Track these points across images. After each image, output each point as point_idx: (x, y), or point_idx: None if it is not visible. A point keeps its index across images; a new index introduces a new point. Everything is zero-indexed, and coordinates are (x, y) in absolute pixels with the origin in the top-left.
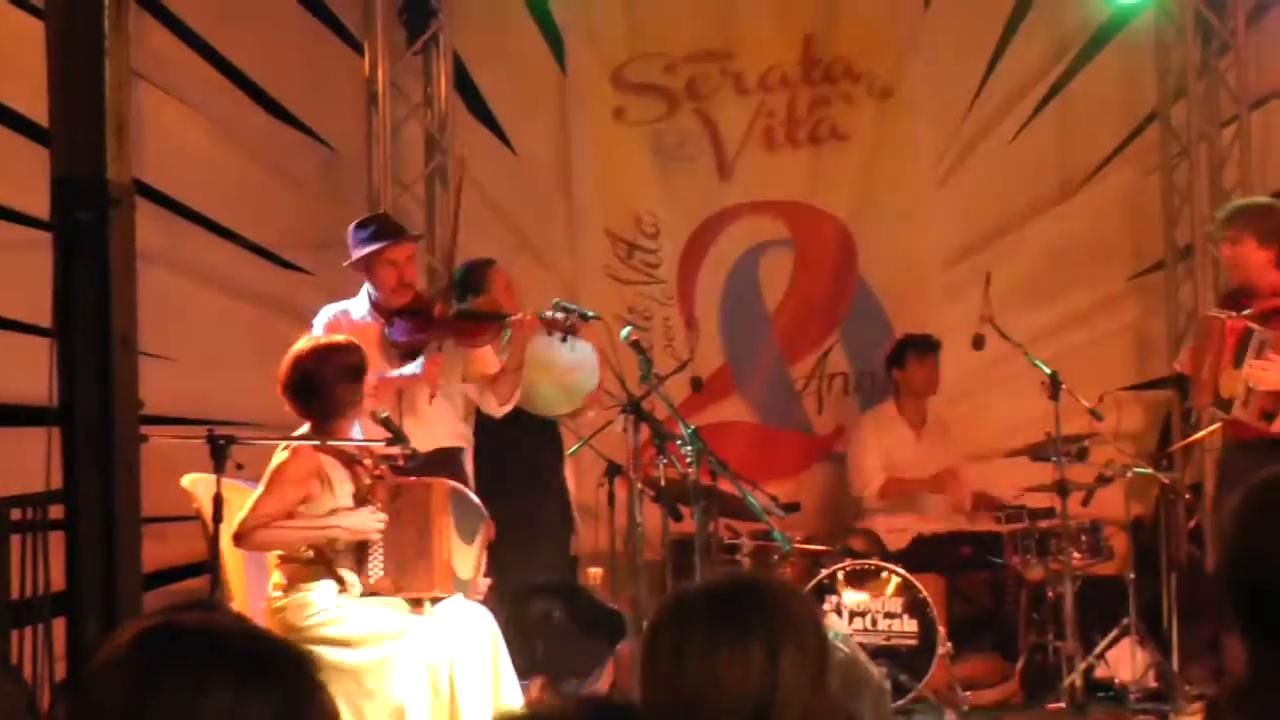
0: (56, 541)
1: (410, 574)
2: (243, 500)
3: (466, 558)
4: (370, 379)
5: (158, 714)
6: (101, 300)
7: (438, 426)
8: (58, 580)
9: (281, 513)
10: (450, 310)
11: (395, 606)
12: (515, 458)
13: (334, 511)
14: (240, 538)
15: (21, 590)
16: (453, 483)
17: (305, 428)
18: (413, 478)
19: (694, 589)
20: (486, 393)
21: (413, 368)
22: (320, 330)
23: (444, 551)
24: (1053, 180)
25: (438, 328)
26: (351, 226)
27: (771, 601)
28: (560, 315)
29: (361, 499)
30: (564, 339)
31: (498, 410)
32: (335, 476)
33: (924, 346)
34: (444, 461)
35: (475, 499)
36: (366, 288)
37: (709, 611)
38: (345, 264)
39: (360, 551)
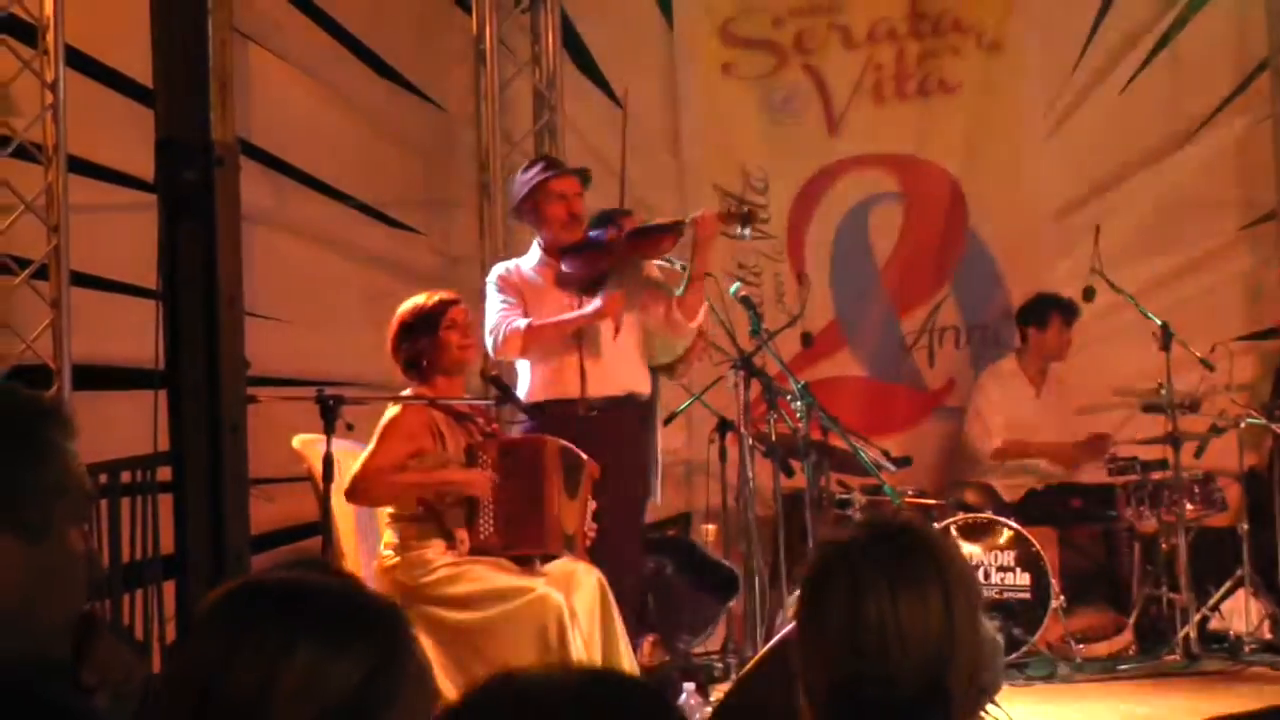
0: (166, 504)
1: (520, 532)
2: (353, 462)
3: (573, 513)
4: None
5: (242, 674)
6: (207, 262)
7: (621, 368)
8: (167, 543)
9: (394, 466)
10: (623, 233)
11: (505, 566)
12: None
13: (445, 465)
14: (353, 491)
15: (132, 553)
16: (561, 441)
17: (410, 390)
18: (525, 435)
19: (861, 536)
20: (673, 311)
21: (592, 305)
22: (494, 286)
23: (554, 509)
24: (1163, 131)
25: (616, 251)
26: (518, 172)
27: (939, 548)
28: (736, 206)
29: (472, 457)
30: (744, 226)
31: (689, 327)
32: (447, 432)
33: (1070, 311)
34: (627, 406)
35: (578, 451)
36: (537, 240)
37: (885, 560)
38: (512, 208)
39: (470, 508)
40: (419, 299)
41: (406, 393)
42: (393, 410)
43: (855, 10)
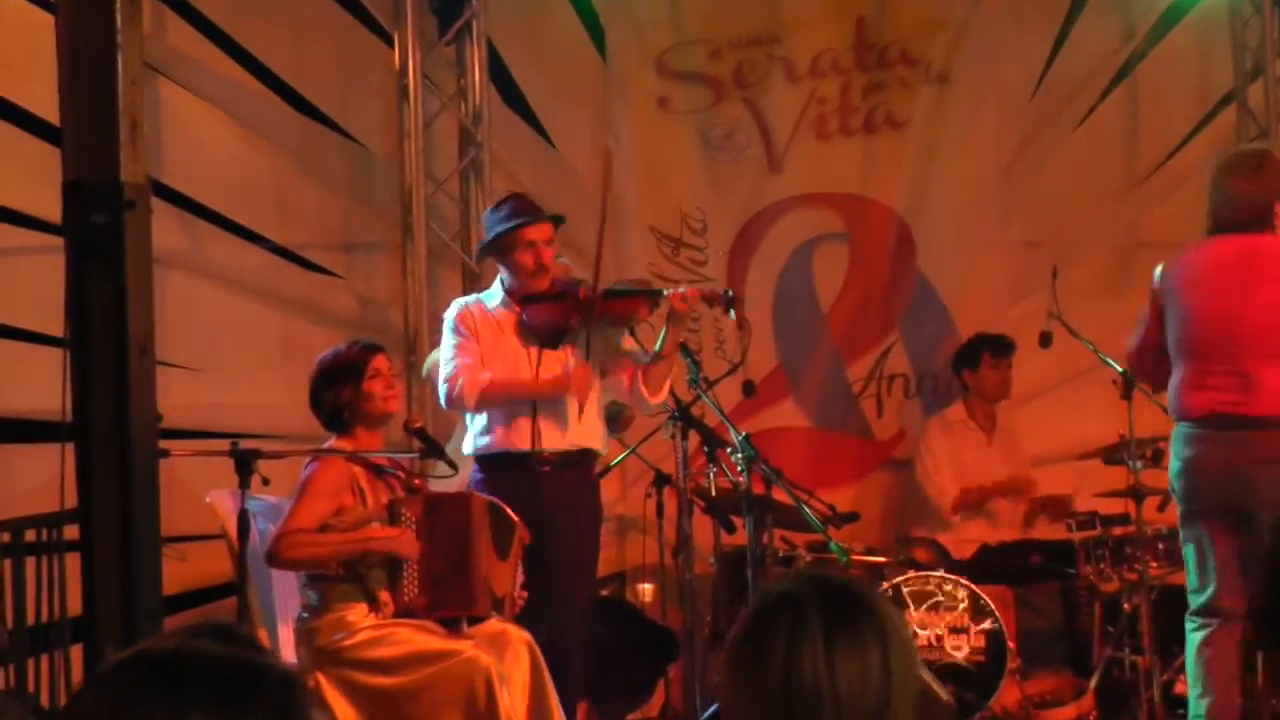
0: (73, 564)
1: (446, 592)
2: (270, 520)
3: (503, 574)
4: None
5: None
6: (117, 307)
7: (579, 426)
8: (75, 604)
9: (314, 526)
10: (595, 292)
11: (430, 628)
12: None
13: (366, 523)
14: (274, 555)
15: (38, 616)
16: (489, 497)
17: (332, 440)
18: (450, 492)
19: (794, 588)
20: (638, 382)
21: (561, 373)
22: (451, 324)
23: (482, 569)
24: (1123, 167)
25: (584, 310)
26: (487, 210)
27: (873, 599)
28: (720, 291)
29: (395, 514)
30: (726, 309)
31: (651, 403)
32: (368, 487)
33: (1000, 348)
34: (581, 463)
35: (509, 511)
36: (500, 277)
37: (823, 611)
38: (479, 246)
39: (394, 569)
40: (340, 346)
41: (329, 444)
42: (311, 466)
43: (797, 42)
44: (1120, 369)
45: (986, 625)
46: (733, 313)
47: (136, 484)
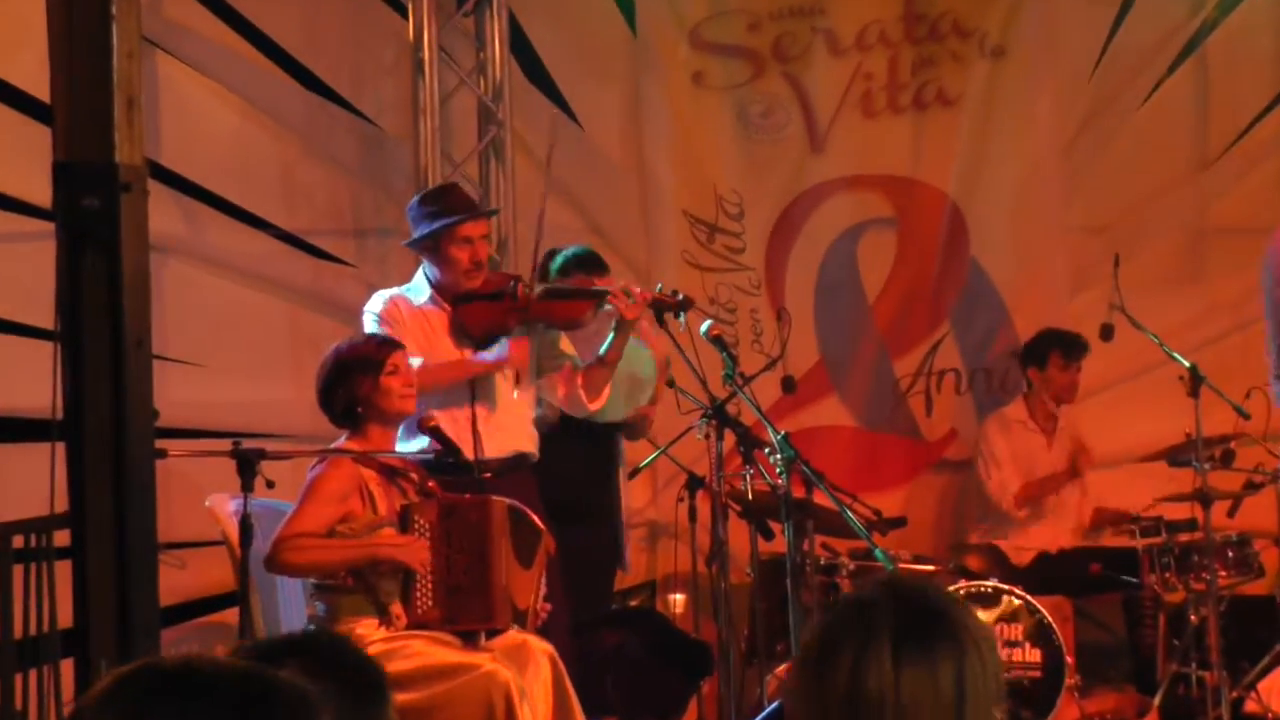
0: (63, 572)
1: (463, 604)
2: (274, 524)
3: (525, 584)
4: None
5: None
6: (112, 298)
7: (515, 427)
8: (65, 616)
9: (320, 531)
10: (535, 290)
11: (446, 641)
12: (563, 472)
13: (378, 529)
14: (273, 560)
15: (25, 628)
16: (511, 501)
17: (343, 439)
18: (468, 495)
19: (869, 594)
20: (575, 388)
21: (495, 352)
22: (374, 322)
23: (502, 579)
24: (1191, 147)
25: (522, 311)
26: (414, 200)
27: (955, 612)
28: (671, 293)
29: (407, 520)
30: (678, 314)
31: (589, 408)
32: (378, 491)
33: (1072, 348)
34: (520, 468)
35: (533, 516)
36: (424, 270)
37: (895, 621)
38: (405, 243)
39: (406, 580)
40: (357, 338)
41: (340, 442)
42: (317, 467)
43: (842, 12)
44: (1187, 363)
45: (1043, 638)
46: (684, 318)
47: (132, 486)
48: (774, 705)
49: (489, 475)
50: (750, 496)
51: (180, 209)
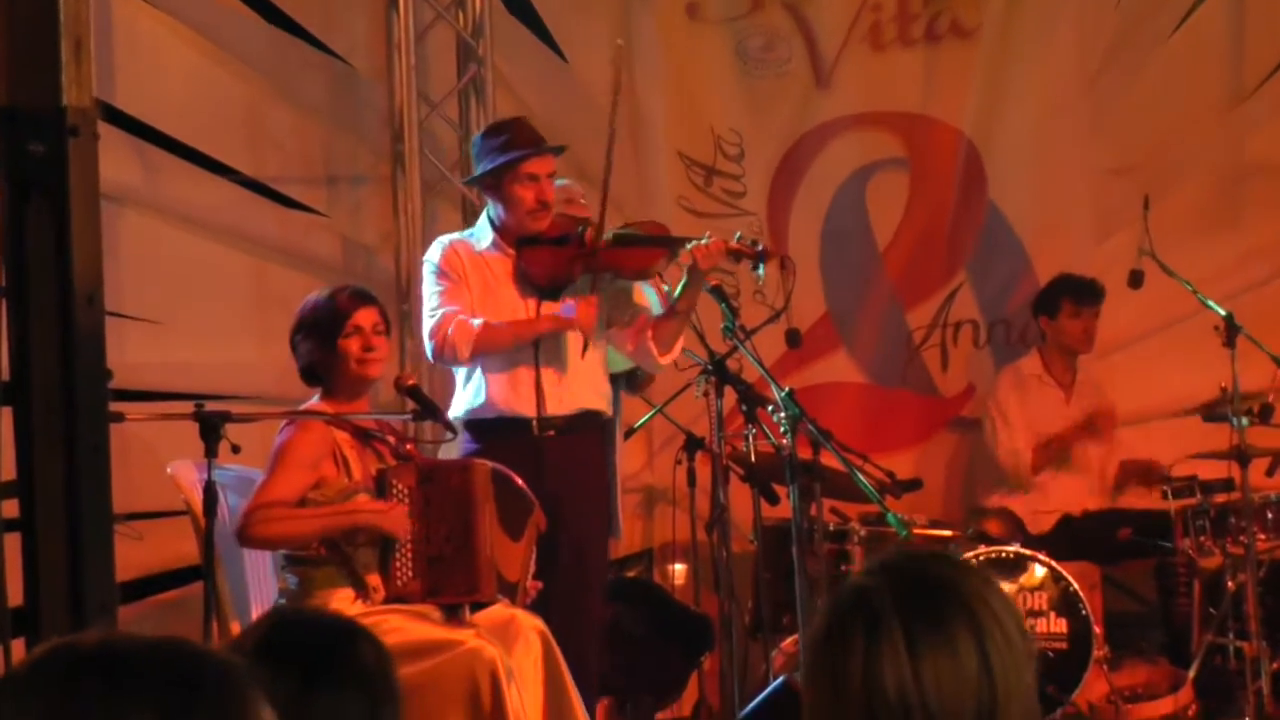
0: (12, 545)
1: (446, 575)
2: (241, 492)
3: (513, 557)
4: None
5: None
6: (60, 251)
7: (583, 382)
8: (15, 593)
9: (292, 500)
10: (605, 235)
11: (427, 615)
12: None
13: (352, 496)
14: (243, 532)
15: None
16: (495, 465)
17: (315, 399)
18: (450, 459)
19: (873, 584)
20: (645, 341)
21: (564, 310)
22: (431, 273)
23: (486, 548)
24: (1226, 80)
25: (589, 256)
26: (478, 135)
27: (964, 584)
28: (750, 242)
29: (384, 485)
30: (756, 265)
31: (660, 362)
32: (352, 455)
33: (1083, 293)
34: (589, 427)
35: (521, 484)
36: (488, 212)
37: (902, 606)
38: (466, 180)
39: (385, 549)
40: (322, 294)
41: (311, 403)
42: (287, 431)
43: None
44: (1222, 312)
45: (1069, 608)
46: (763, 270)
47: (84, 452)
48: (778, 681)
49: (552, 433)
50: (753, 458)
51: (136, 155)
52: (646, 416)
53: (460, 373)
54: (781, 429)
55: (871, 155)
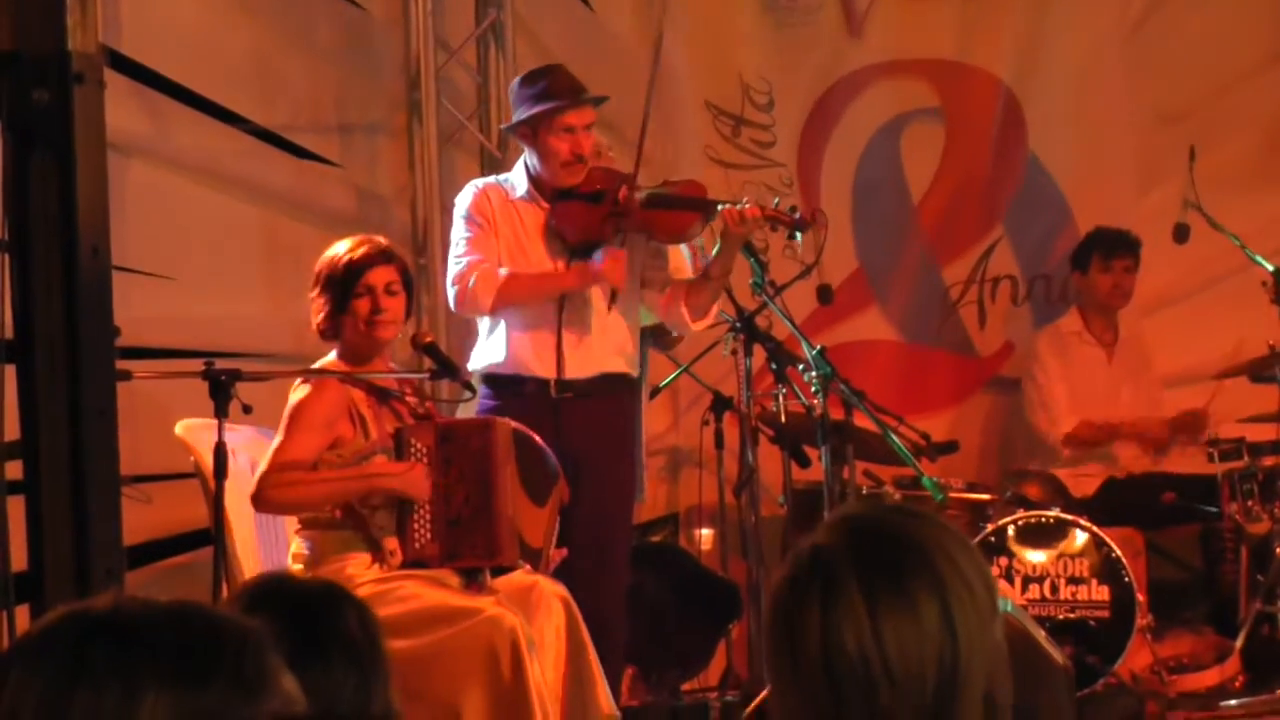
0: (15, 509)
1: (465, 538)
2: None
3: (536, 521)
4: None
5: None
6: (65, 203)
7: (606, 345)
8: (19, 558)
9: (308, 462)
10: (639, 194)
11: (445, 582)
12: None
13: (369, 457)
14: (260, 497)
15: None
16: (516, 424)
17: (331, 356)
18: (470, 418)
19: (830, 544)
20: (678, 303)
21: (592, 262)
22: (461, 218)
23: (507, 509)
24: (1276, 29)
25: (622, 216)
26: (516, 81)
27: (922, 538)
28: (789, 209)
29: (402, 446)
30: (793, 234)
31: (691, 326)
32: (369, 414)
33: (1111, 245)
34: (611, 390)
35: (544, 448)
36: (525, 160)
37: (859, 566)
38: (504, 127)
39: (402, 512)
40: (339, 248)
41: (326, 361)
42: (301, 390)
43: None
44: (1270, 267)
45: (1111, 575)
46: (799, 237)
47: (90, 412)
48: None
49: (570, 395)
50: (783, 419)
51: (143, 103)
52: (672, 375)
53: (484, 324)
54: (813, 388)
55: (905, 104)
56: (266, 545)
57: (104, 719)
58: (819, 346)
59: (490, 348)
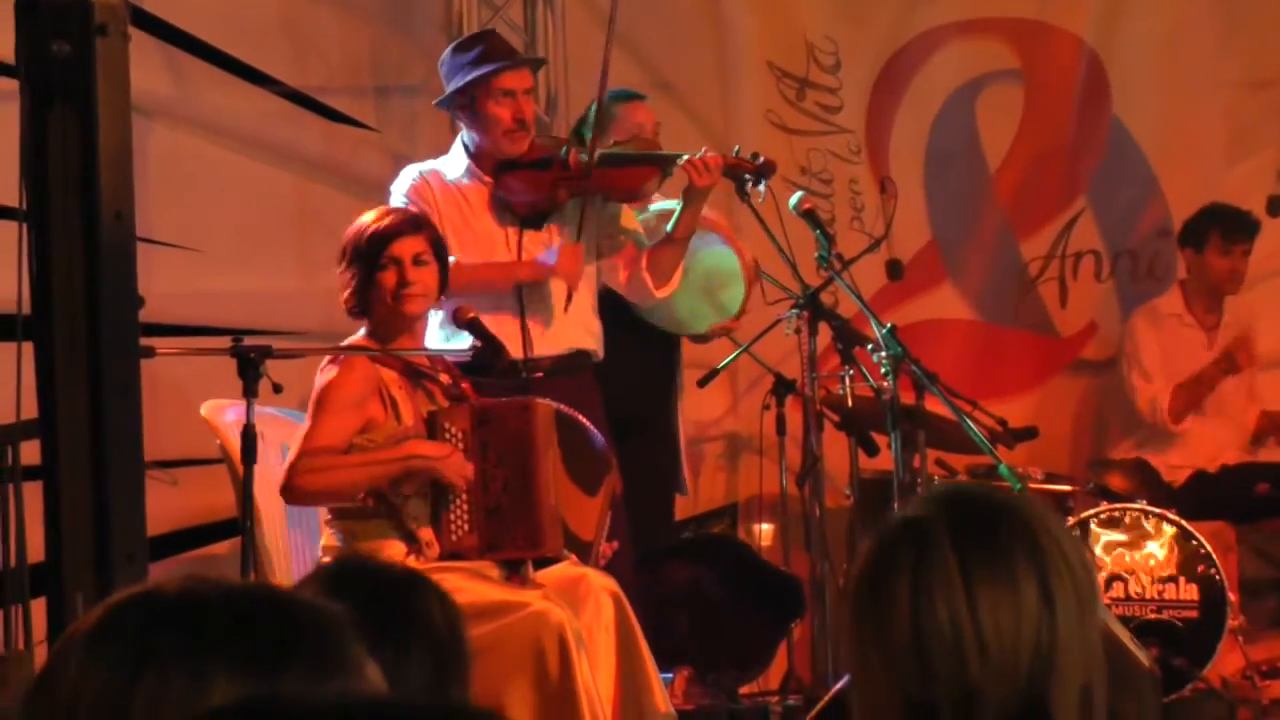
0: (33, 494)
1: (505, 528)
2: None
3: (586, 512)
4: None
5: None
6: (86, 162)
7: (567, 322)
8: (35, 546)
9: (340, 446)
10: (589, 156)
11: (487, 575)
12: (614, 378)
13: (403, 442)
14: (290, 486)
15: None
16: (559, 405)
17: (360, 333)
18: (509, 399)
19: (924, 513)
20: (639, 271)
21: (546, 258)
22: (400, 198)
23: (550, 497)
24: None
25: (574, 181)
26: (448, 50)
27: (1035, 522)
28: (751, 156)
29: (435, 428)
30: (757, 182)
31: (656, 295)
32: (401, 396)
33: (1234, 226)
34: (582, 368)
35: (592, 431)
36: (462, 137)
37: (958, 537)
38: (436, 102)
39: (437, 499)
40: (367, 218)
41: (355, 338)
42: (329, 371)
43: None
44: None
45: (1201, 572)
46: (764, 187)
47: (112, 390)
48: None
49: (539, 375)
50: (850, 403)
51: (167, 63)
52: (731, 356)
53: (436, 314)
54: (881, 370)
55: (982, 66)
56: (297, 536)
57: (170, 708)
58: (888, 325)
59: (450, 335)
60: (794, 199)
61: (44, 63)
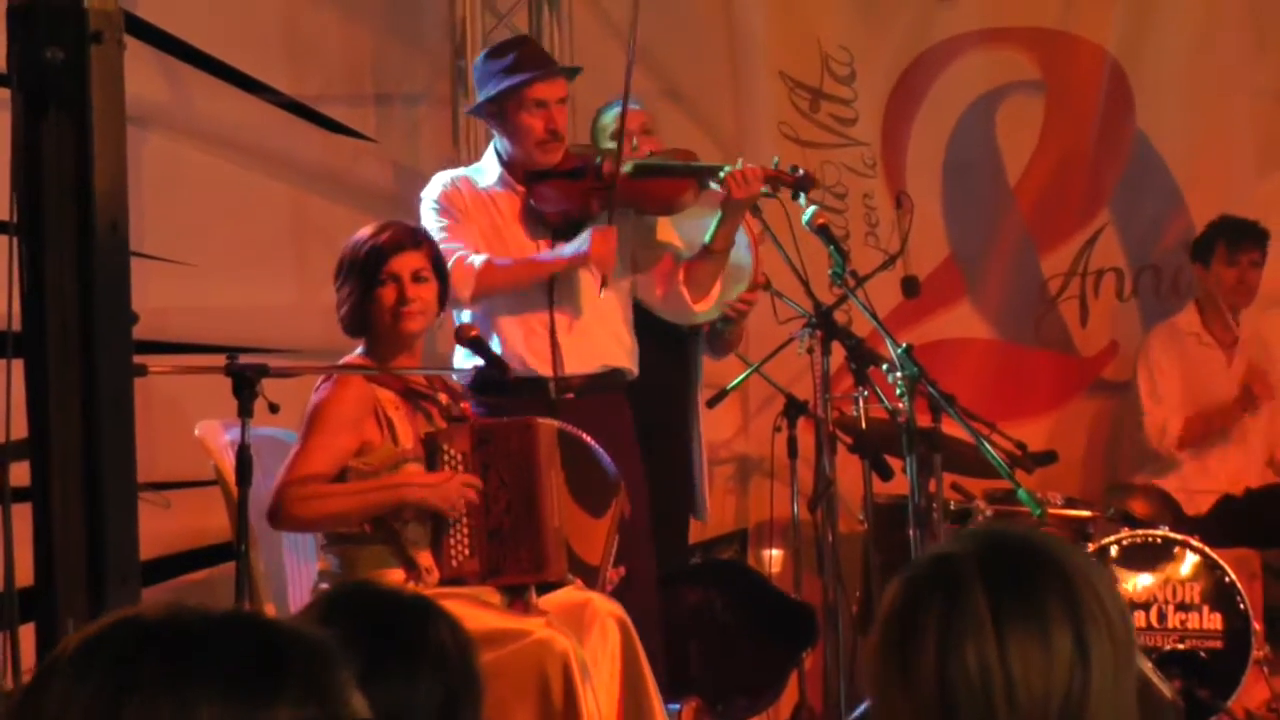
0: (21, 516)
1: (506, 552)
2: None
3: (592, 536)
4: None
5: None
6: (81, 171)
7: (604, 332)
8: (24, 570)
9: (332, 471)
10: (623, 166)
11: (488, 601)
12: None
13: (400, 466)
14: (278, 513)
15: None
16: (563, 425)
17: (357, 352)
18: (510, 418)
19: (957, 551)
20: (676, 286)
21: (574, 245)
22: (432, 211)
23: (553, 519)
24: None
25: (608, 191)
26: (480, 57)
27: (1062, 560)
28: (790, 169)
29: (433, 450)
30: (797, 194)
31: (694, 310)
32: (397, 416)
33: (1239, 237)
34: (614, 388)
35: (599, 452)
36: (495, 146)
37: (990, 581)
38: (468, 109)
39: (437, 525)
40: (365, 232)
41: (352, 356)
42: (322, 389)
43: None
44: None
45: (1225, 601)
46: (804, 199)
47: (105, 409)
48: (863, 707)
49: (570, 395)
50: (864, 425)
51: (162, 71)
52: (741, 376)
53: (463, 317)
54: (897, 391)
55: (1001, 77)
56: (293, 561)
57: None
58: (904, 344)
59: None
60: (807, 214)
61: (37, 70)
